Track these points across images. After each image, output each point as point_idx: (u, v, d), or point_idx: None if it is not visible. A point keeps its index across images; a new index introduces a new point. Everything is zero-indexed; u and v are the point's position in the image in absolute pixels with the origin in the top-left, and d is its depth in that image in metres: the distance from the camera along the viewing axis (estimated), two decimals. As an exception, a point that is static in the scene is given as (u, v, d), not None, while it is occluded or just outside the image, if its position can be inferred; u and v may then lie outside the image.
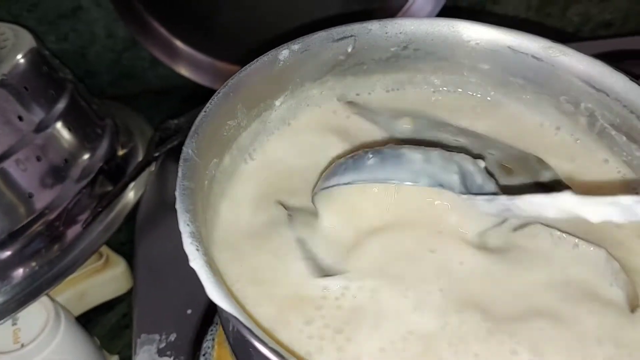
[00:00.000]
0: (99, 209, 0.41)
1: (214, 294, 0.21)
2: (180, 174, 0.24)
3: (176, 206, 0.23)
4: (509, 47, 0.32)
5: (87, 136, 0.44)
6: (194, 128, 0.26)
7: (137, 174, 0.44)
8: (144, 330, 0.37)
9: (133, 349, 0.37)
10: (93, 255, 0.43)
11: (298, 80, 0.32)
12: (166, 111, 0.53)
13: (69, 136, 0.43)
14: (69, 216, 0.41)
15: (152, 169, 0.46)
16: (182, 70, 0.55)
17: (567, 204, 0.20)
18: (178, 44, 0.54)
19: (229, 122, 0.29)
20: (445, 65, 0.33)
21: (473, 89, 0.34)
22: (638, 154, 0.30)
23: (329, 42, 0.32)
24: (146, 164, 0.44)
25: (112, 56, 0.60)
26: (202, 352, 0.36)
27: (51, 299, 0.40)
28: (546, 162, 0.28)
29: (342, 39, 0.32)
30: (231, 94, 0.29)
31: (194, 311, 0.38)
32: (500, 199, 0.23)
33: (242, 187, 0.29)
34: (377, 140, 0.31)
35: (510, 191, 0.25)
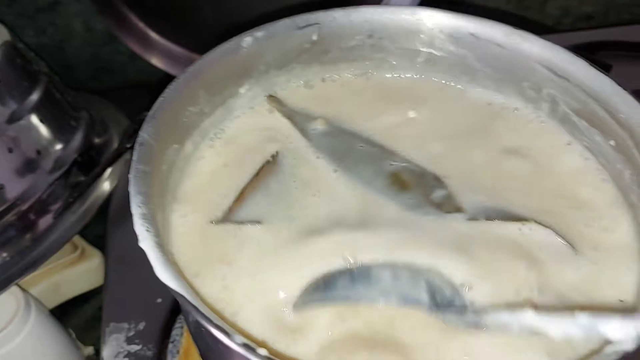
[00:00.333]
0: (71, 199, 0.41)
1: (162, 274, 0.21)
2: (135, 157, 0.24)
3: (129, 188, 0.23)
4: (472, 34, 0.32)
5: (61, 128, 0.44)
6: (151, 112, 0.26)
7: (110, 163, 0.44)
8: (113, 319, 0.37)
9: (102, 337, 0.37)
10: (66, 246, 0.43)
11: (263, 67, 0.32)
12: (145, 105, 0.53)
13: (43, 128, 0.43)
14: (41, 207, 0.41)
15: (127, 159, 0.46)
16: (159, 63, 0.55)
17: (528, 321, 0.21)
18: (154, 36, 0.54)
19: (190, 108, 0.29)
20: (409, 53, 0.34)
21: (438, 76, 0.34)
22: (598, 138, 0.30)
23: (293, 30, 0.32)
24: (119, 154, 0.44)
25: (91, 50, 0.60)
26: (171, 340, 0.36)
27: (23, 289, 0.40)
28: (443, 181, 0.29)
29: (306, 26, 0.32)
30: (192, 80, 0.29)
31: (164, 300, 0.38)
32: (468, 316, 0.24)
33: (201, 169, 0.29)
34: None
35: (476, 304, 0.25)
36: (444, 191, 0.28)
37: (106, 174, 0.45)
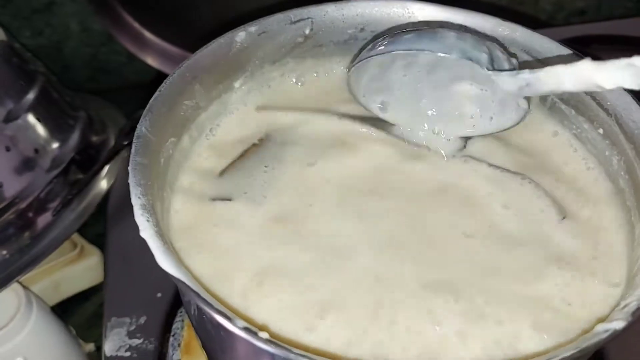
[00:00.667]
0: (69, 197, 0.42)
1: (163, 262, 0.22)
2: (133, 150, 0.25)
3: (128, 180, 0.24)
4: (461, 26, 0.33)
5: (58, 127, 0.45)
6: (148, 107, 0.27)
7: (108, 161, 0.44)
8: (114, 314, 0.38)
9: (103, 332, 0.37)
10: (65, 244, 0.43)
11: (257, 62, 0.33)
12: (144, 105, 0.53)
13: (40, 126, 0.43)
14: (40, 205, 0.41)
15: (124, 157, 0.47)
16: (155, 63, 0.55)
17: (584, 71, 0.22)
18: (149, 36, 0.55)
19: (186, 102, 0.29)
20: (401, 46, 0.34)
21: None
22: (586, 126, 0.31)
23: (286, 24, 0.32)
24: (116, 151, 0.45)
25: (88, 51, 0.60)
26: (172, 333, 0.36)
27: (24, 287, 0.41)
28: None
29: (299, 20, 0.33)
30: (187, 75, 0.29)
31: (164, 294, 0.39)
32: (523, 73, 0.25)
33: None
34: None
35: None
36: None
37: (104, 171, 0.46)
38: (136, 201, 0.23)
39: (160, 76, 0.56)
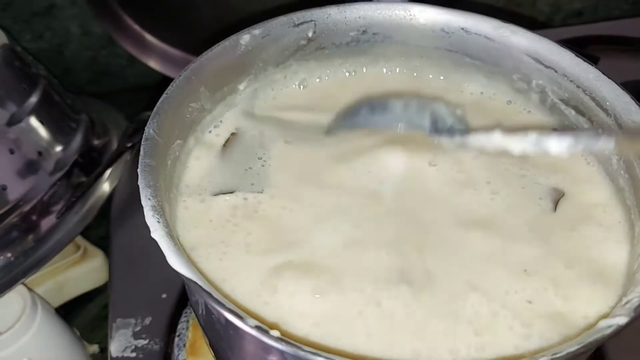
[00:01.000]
0: (73, 199, 0.42)
1: (174, 262, 0.22)
2: (142, 152, 0.25)
3: (138, 182, 0.24)
4: (463, 29, 0.33)
5: (61, 130, 0.45)
6: (155, 109, 0.27)
7: (111, 163, 0.45)
8: (119, 315, 0.38)
9: (109, 333, 0.37)
10: (69, 246, 0.43)
11: (261, 64, 0.33)
12: (145, 107, 0.53)
13: (43, 129, 0.44)
14: (43, 207, 0.41)
15: (127, 159, 0.47)
16: (156, 65, 0.55)
17: (497, 140, 0.27)
18: (150, 38, 0.55)
19: (192, 104, 0.30)
20: (403, 48, 0.35)
21: (431, 70, 0.35)
22: (586, 126, 0.31)
23: (289, 27, 0.33)
24: (119, 153, 0.45)
25: (89, 54, 0.61)
26: (177, 334, 0.36)
27: (29, 289, 0.41)
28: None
29: (302, 23, 0.33)
30: (193, 77, 0.29)
31: (169, 295, 0.39)
32: (456, 137, 0.29)
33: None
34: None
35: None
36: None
37: (107, 174, 0.46)
38: (146, 203, 0.23)
39: (164, 79, 0.56)
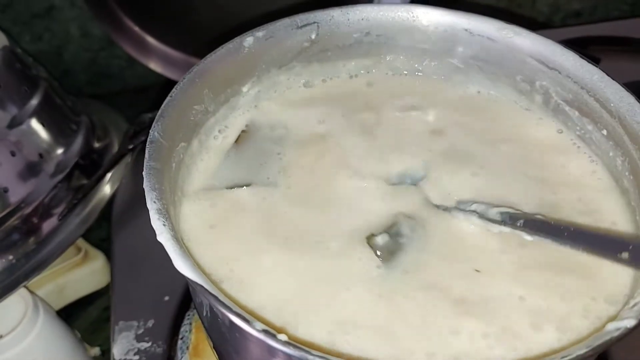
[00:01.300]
0: (74, 202, 0.42)
1: (180, 265, 0.22)
2: (147, 155, 0.25)
3: (144, 185, 0.24)
4: (466, 30, 0.33)
5: (61, 132, 0.45)
6: (160, 112, 0.27)
7: (112, 165, 0.45)
8: (122, 318, 0.38)
9: (111, 336, 0.37)
10: (70, 248, 0.43)
11: (264, 66, 0.33)
12: (144, 109, 0.53)
13: (43, 132, 0.43)
14: (45, 210, 0.41)
15: (128, 161, 0.47)
16: (157, 67, 0.55)
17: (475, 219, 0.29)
18: (151, 40, 0.55)
19: (196, 107, 0.30)
20: (406, 50, 0.35)
21: (434, 71, 0.35)
22: (590, 127, 0.31)
23: (292, 29, 0.33)
24: (120, 155, 0.45)
25: (88, 55, 0.60)
26: (180, 336, 0.36)
27: (30, 291, 0.41)
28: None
29: (305, 25, 0.33)
30: (197, 80, 0.29)
31: (172, 298, 0.39)
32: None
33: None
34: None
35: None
36: None
37: (108, 176, 0.46)
38: (152, 206, 0.23)
39: (168, 82, 0.56)
